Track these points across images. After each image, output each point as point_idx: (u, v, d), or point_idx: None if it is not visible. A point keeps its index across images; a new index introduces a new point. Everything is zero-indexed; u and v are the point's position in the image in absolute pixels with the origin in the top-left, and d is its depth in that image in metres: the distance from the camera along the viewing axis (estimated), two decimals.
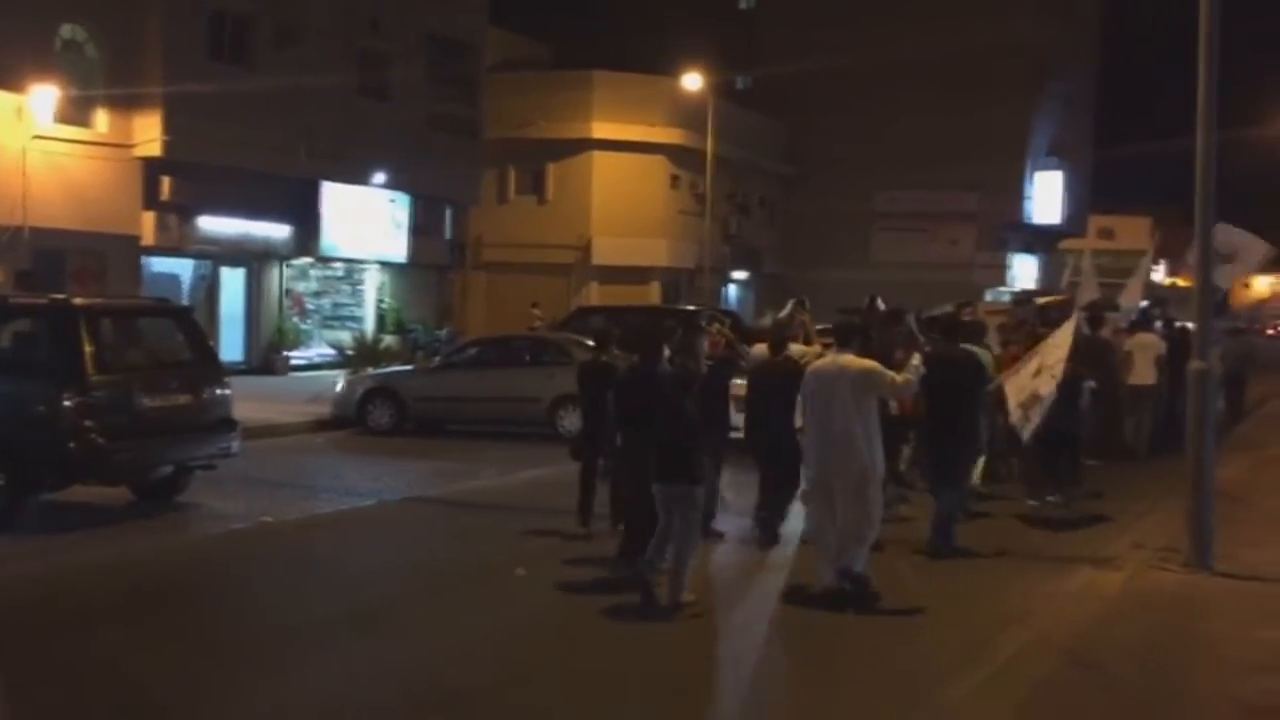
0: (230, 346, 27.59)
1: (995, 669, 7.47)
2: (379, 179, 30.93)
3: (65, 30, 24.71)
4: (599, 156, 38.99)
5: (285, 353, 29.46)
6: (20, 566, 9.93)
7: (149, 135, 25.54)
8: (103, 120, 25.27)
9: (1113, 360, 16.38)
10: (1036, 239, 53.19)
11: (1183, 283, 66.59)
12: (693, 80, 36.04)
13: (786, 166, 48.16)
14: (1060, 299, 16.15)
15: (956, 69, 43.58)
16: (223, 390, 12.99)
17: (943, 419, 10.97)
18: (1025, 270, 52.47)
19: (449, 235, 35.71)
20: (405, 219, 32.54)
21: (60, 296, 13.33)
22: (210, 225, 27.43)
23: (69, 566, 10.11)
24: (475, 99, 35.09)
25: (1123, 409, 17.32)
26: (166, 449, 12.37)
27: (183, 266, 28.20)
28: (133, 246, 25.95)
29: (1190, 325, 12.70)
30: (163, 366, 12.89)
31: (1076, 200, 54.95)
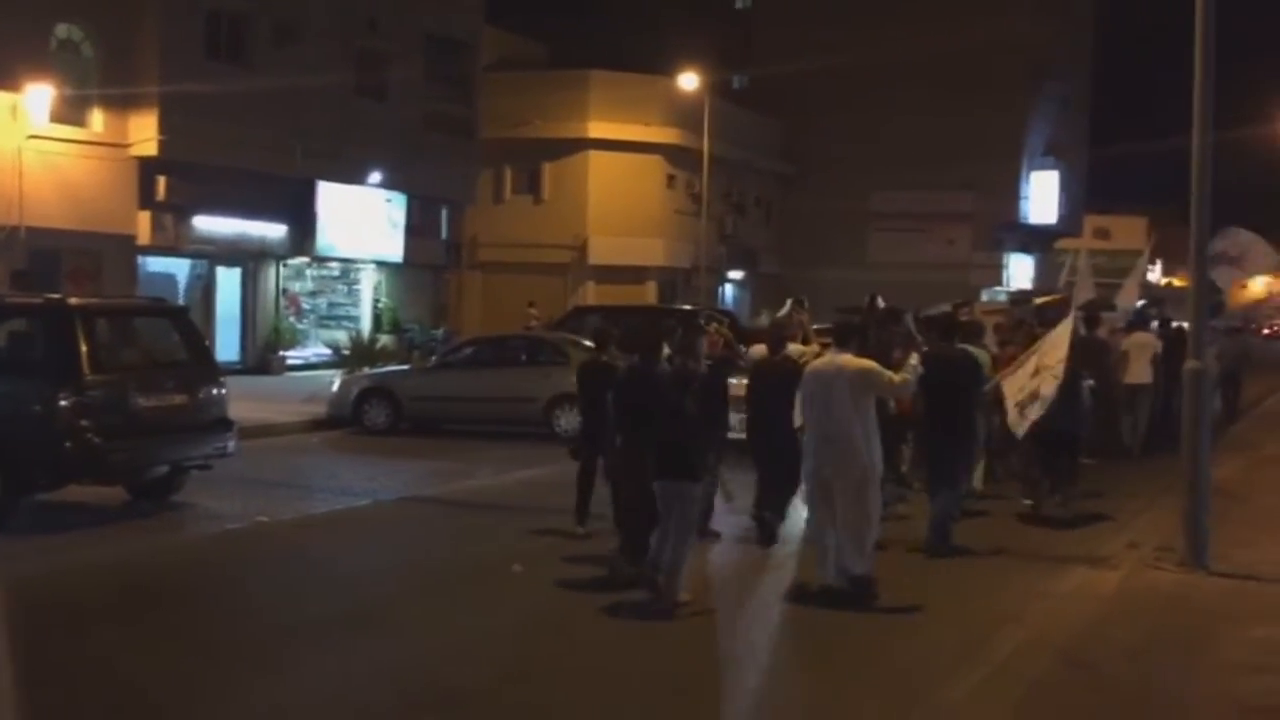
0: (226, 346, 27.58)
1: (992, 668, 7.48)
2: (375, 178, 30.91)
3: (61, 29, 24.68)
4: (595, 156, 38.98)
5: (281, 352, 29.43)
6: (15, 567, 9.90)
7: (145, 135, 25.51)
8: (98, 120, 25.23)
9: (1109, 360, 16.41)
10: (1032, 239, 53.22)
11: (1178, 282, 66.68)
12: (689, 80, 36.04)
13: (783, 166, 48.16)
14: (1057, 299, 16.17)
15: (952, 69, 43.60)
16: (218, 390, 12.98)
17: (940, 419, 10.99)
18: (1021, 270, 52.51)
19: (445, 235, 35.70)
20: (401, 219, 32.50)
21: (55, 296, 13.33)
22: (206, 225, 27.40)
23: (64, 566, 10.09)
24: (471, 98, 35.07)
25: (1119, 408, 17.35)
26: (162, 449, 12.36)
27: (178, 266, 28.18)
28: (128, 246, 25.93)
29: (1186, 325, 12.69)
30: (158, 366, 12.88)
31: (1072, 200, 55.00)
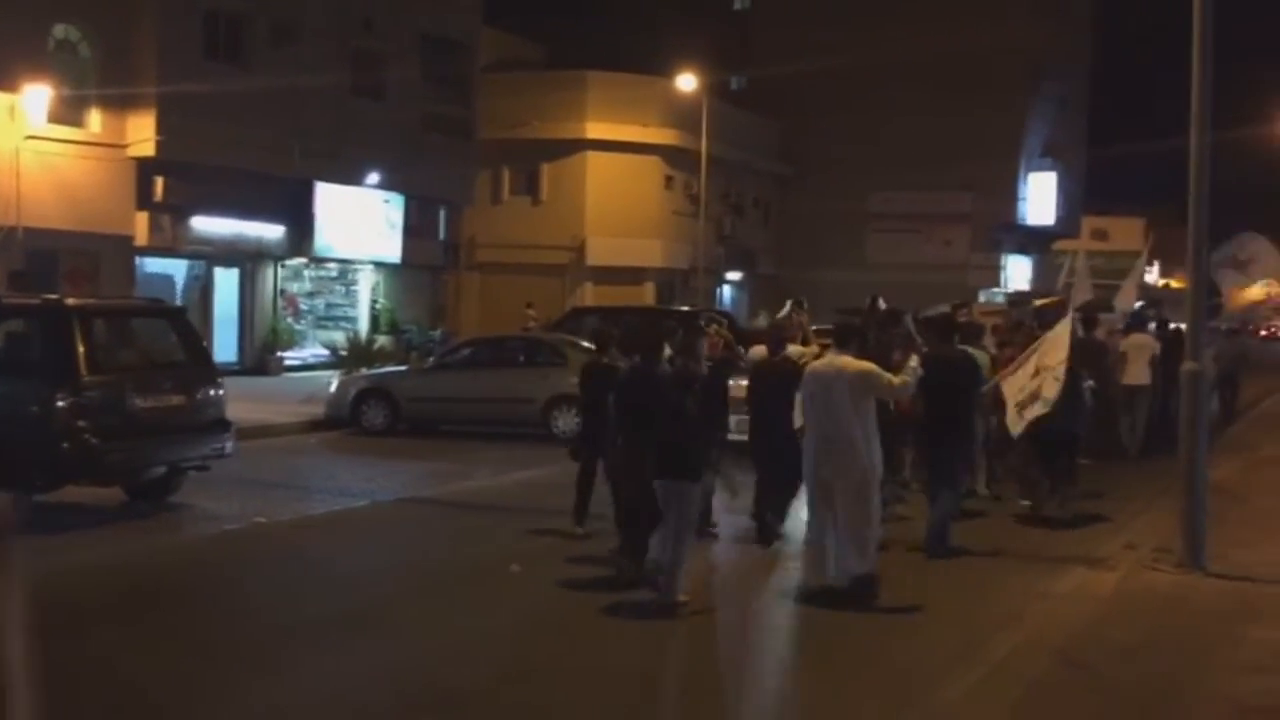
0: (224, 347, 27.57)
1: (990, 669, 7.48)
2: (373, 179, 30.91)
3: (59, 30, 24.68)
4: (593, 157, 38.98)
5: (279, 353, 29.43)
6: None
7: (142, 135, 25.51)
8: (96, 120, 25.23)
9: (1107, 362, 16.42)
10: (1030, 240, 53.24)
11: (1176, 284, 66.71)
12: (687, 81, 36.03)
13: (781, 167, 48.17)
14: (1056, 300, 16.19)
15: (950, 70, 43.60)
16: (216, 391, 12.97)
17: (940, 419, 11.00)
18: (1019, 271, 52.53)
19: (443, 236, 35.70)
20: (399, 219, 32.50)
21: (53, 297, 13.32)
22: (204, 225, 27.40)
23: (62, 567, 10.06)
24: (469, 99, 35.07)
25: (1117, 409, 17.37)
26: (160, 449, 12.36)
27: (176, 267, 28.18)
28: (126, 247, 25.93)
29: (1183, 326, 12.69)
30: (156, 367, 12.88)
31: (1070, 201, 55.03)
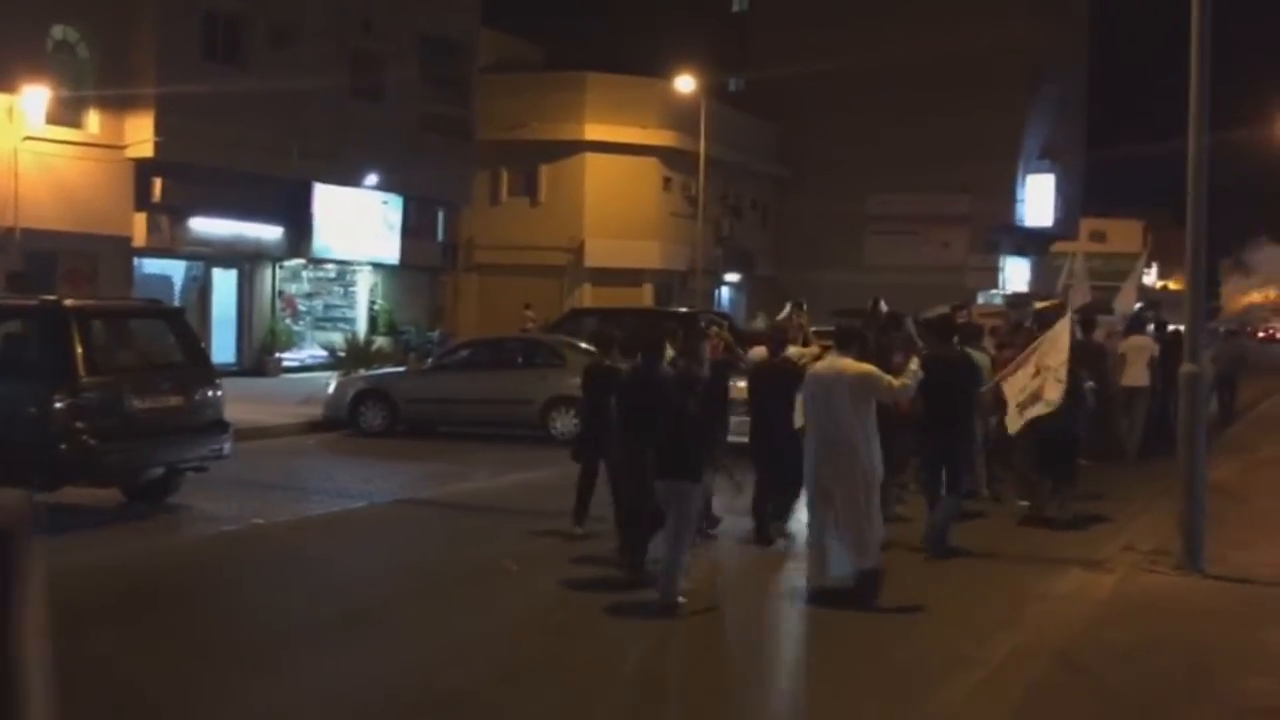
0: (222, 348, 27.57)
1: (988, 671, 7.47)
2: (371, 180, 30.91)
3: (57, 31, 24.68)
4: (591, 158, 38.99)
5: (277, 354, 29.44)
6: None
7: (141, 136, 25.52)
8: (94, 121, 25.24)
9: (1105, 364, 16.43)
10: (1028, 241, 53.27)
11: (1174, 285, 66.80)
12: (685, 82, 36.03)
13: (779, 169, 48.18)
14: (1057, 303, 16.21)
15: (948, 71, 43.62)
16: (214, 392, 12.96)
17: (940, 419, 11.00)
18: (1017, 273, 52.56)
19: (441, 237, 35.72)
20: (397, 220, 32.51)
21: (51, 298, 13.30)
22: (202, 226, 27.40)
23: (60, 568, 9.98)
24: (468, 100, 35.08)
25: (1116, 410, 17.39)
26: (158, 450, 12.34)
27: (174, 268, 28.18)
28: (124, 248, 25.93)
29: (1182, 328, 12.69)
30: (154, 368, 12.86)
31: (1068, 203, 55.06)
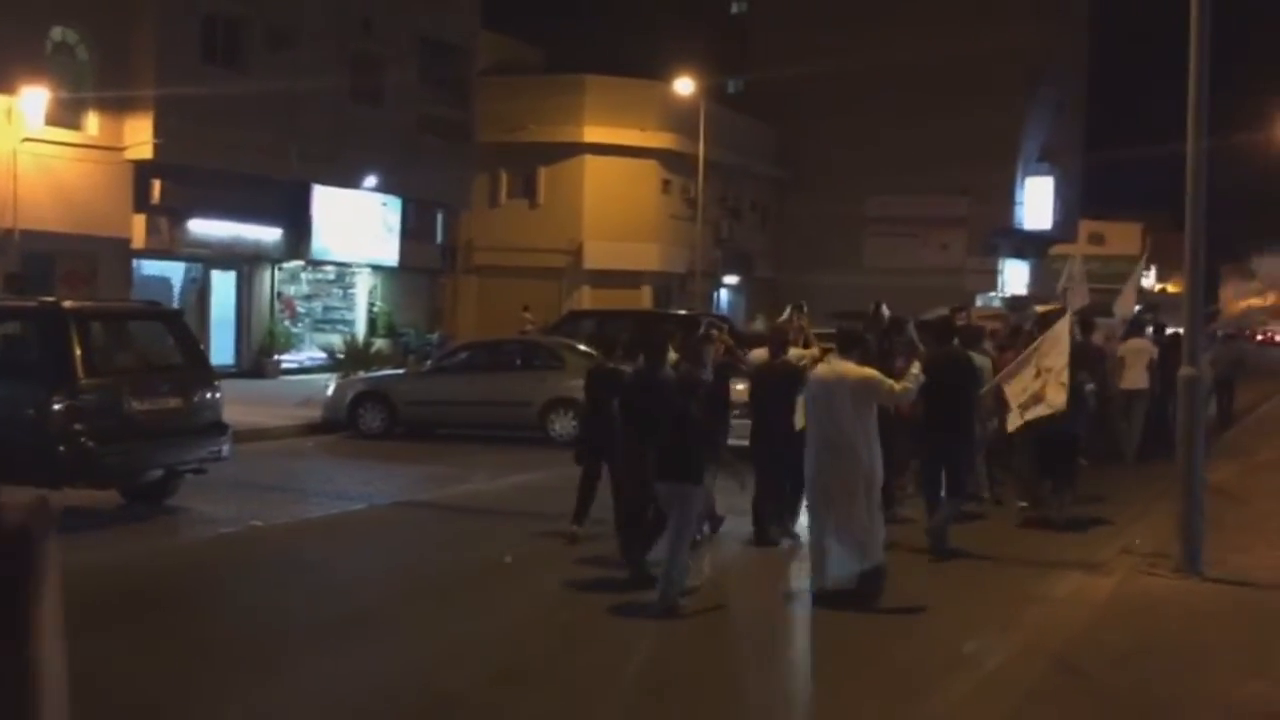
0: (221, 350, 27.53)
1: (986, 674, 7.48)
2: (370, 182, 30.90)
3: (56, 32, 24.66)
4: (590, 160, 39.00)
5: (276, 356, 29.41)
6: None
7: (140, 138, 25.50)
8: (93, 123, 25.21)
9: (1104, 367, 16.44)
10: (1027, 244, 53.31)
11: (1172, 288, 66.83)
12: (684, 84, 36.05)
13: (778, 171, 48.20)
14: (1058, 307, 16.23)
15: (948, 74, 43.64)
16: (213, 394, 12.95)
17: (941, 421, 11.02)
18: (1016, 275, 52.61)
19: (440, 239, 35.69)
20: (396, 222, 32.49)
21: (50, 299, 13.30)
22: (201, 228, 27.38)
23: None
24: (467, 102, 35.08)
25: (1116, 413, 17.41)
26: (156, 452, 12.33)
27: (173, 269, 28.15)
28: (123, 249, 25.90)
29: (1180, 331, 12.70)
30: (153, 370, 12.85)
31: (1067, 205, 55.11)
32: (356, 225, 31.04)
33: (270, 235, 29.21)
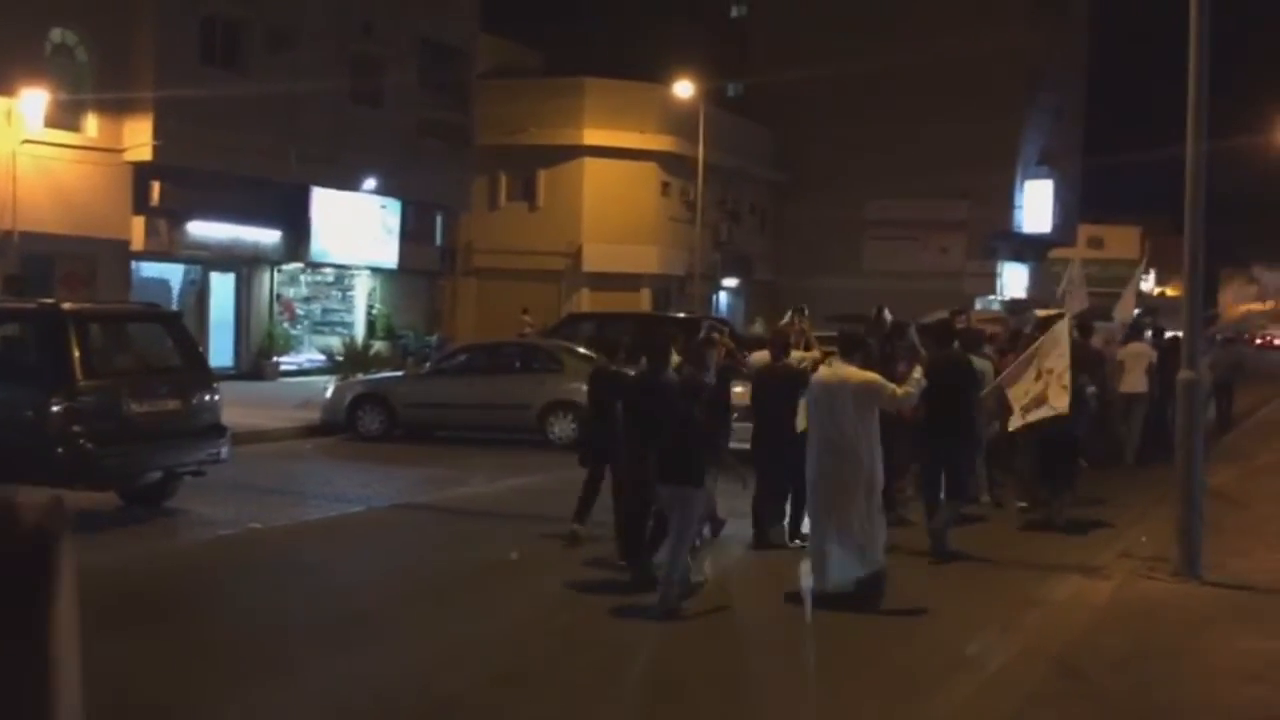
0: (220, 352, 27.52)
1: (987, 676, 7.48)
2: (370, 184, 30.90)
3: (56, 34, 24.66)
4: (590, 163, 39.01)
5: (275, 358, 29.40)
6: None
7: (139, 140, 25.50)
8: (93, 125, 25.21)
9: (1104, 370, 16.45)
10: (1026, 248, 53.36)
11: (1171, 292, 66.86)
12: (684, 88, 36.08)
13: (778, 174, 48.22)
14: (1059, 311, 16.28)
15: (947, 78, 43.69)
16: (212, 396, 12.94)
17: (942, 423, 11.02)
18: (1015, 279, 52.63)
19: (440, 241, 35.70)
20: (396, 225, 32.50)
21: (49, 301, 13.29)
22: (200, 230, 27.38)
23: None
24: (467, 105, 35.09)
25: (1115, 417, 17.42)
26: (155, 454, 12.32)
27: (172, 271, 28.13)
28: (122, 251, 25.89)
29: (1179, 334, 12.70)
30: (152, 372, 12.84)
31: (1066, 209, 55.16)
32: (356, 227, 31.04)
33: (269, 237, 29.21)
